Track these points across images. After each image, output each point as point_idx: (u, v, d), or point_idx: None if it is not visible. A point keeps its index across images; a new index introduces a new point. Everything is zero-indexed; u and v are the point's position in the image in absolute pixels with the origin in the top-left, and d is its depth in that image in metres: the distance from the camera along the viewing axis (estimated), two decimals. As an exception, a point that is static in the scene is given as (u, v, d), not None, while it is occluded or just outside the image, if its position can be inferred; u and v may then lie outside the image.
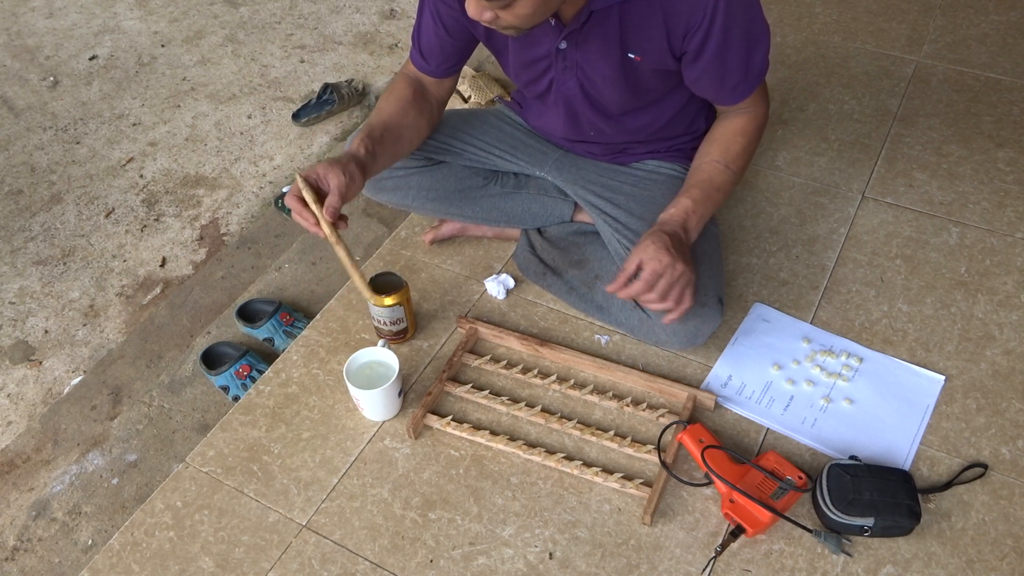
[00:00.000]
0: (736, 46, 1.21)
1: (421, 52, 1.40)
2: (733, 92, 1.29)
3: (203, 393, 1.58)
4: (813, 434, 1.32)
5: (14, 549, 1.40)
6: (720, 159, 1.31)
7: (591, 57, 1.27)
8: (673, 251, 1.21)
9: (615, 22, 1.20)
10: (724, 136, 1.33)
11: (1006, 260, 1.58)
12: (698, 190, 1.29)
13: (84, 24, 2.77)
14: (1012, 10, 2.23)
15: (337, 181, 1.19)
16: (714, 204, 1.31)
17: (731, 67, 1.24)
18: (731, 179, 1.32)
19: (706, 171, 1.31)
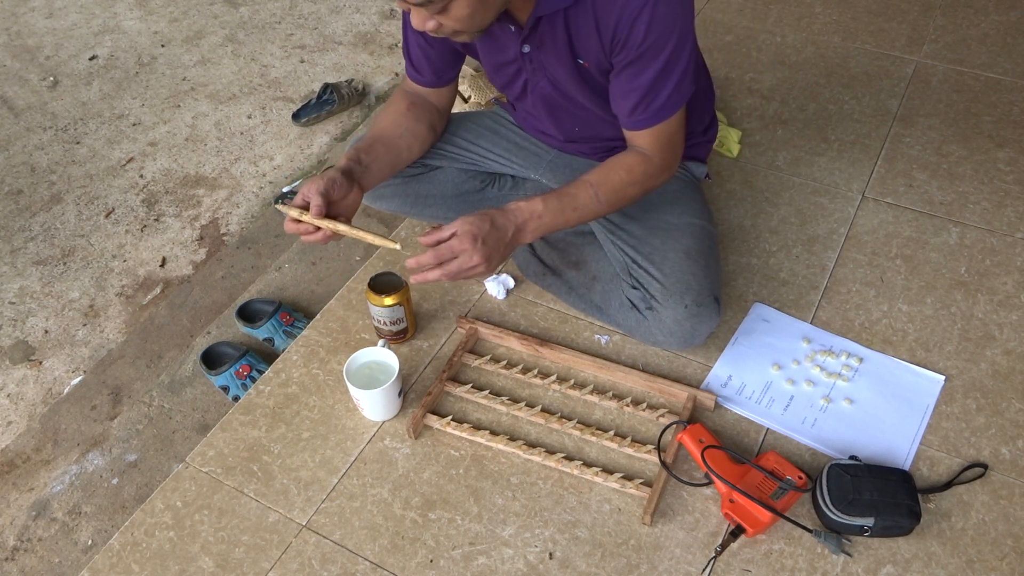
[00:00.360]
0: (648, 68, 1.19)
1: (413, 66, 1.42)
2: (632, 115, 1.25)
3: (203, 393, 1.58)
4: (813, 434, 1.32)
5: (14, 549, 1.40)
6: (595, 184, 1.28)
7: (550, 60, 1.27)
8: (483, 243, 1.20)
9: (562, 28, 1.21)
10: (612, 166, 1.31)
11: (1006, 260, 1.58)
12: (557, 201, 1.27)
13: (84, 24, 2.77)
14: (1012, 10, 2.23)
15: (315, 186, 1.22)
16: (565, 222, 1.28)
17: (637, 86, 1.21)
18: (595, 208, 1.29)
19: (576, 187, 1.28)
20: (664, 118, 1.25)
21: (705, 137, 1.53)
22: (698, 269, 1.34)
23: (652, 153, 1.29)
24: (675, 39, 1.17)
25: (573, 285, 1.49)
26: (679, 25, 1.17)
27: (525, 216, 1.25)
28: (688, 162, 1.52)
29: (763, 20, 2.25)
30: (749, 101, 1.99)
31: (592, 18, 1.17)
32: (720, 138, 1.83)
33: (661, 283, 1.33)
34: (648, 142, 1.29)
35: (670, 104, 1.23)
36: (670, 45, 1.17)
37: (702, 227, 1.42)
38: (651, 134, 1.27)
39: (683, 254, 1.35)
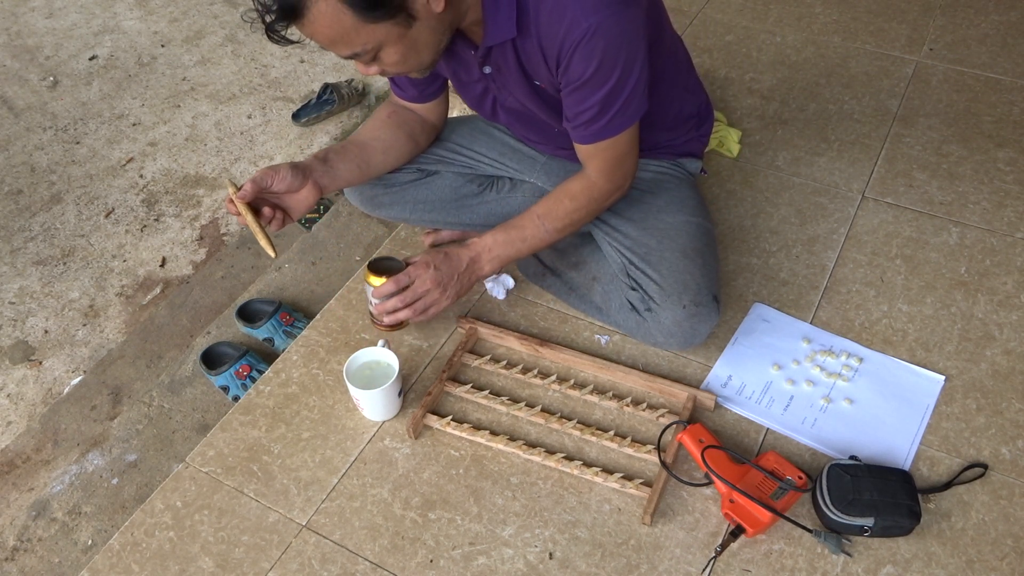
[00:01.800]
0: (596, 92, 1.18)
1: (396, 84, 1.43)
2: (577, 130, 1.26)
3: (203, 393, 1.58)
4: (813, 434, 1.32)
5: (14, 549, 1.40)
6: (542, 215, 1.34)
7: (509, 82, 1.28)
8: (435, 269, 1.32)
9: (512, 56, 1.22)
10: (558, 194, 1.35)
11: (1006, 260, 1.58)
12: (504, 234, 1.35)
13: (84, 24, 2.77)
14: (1012, 10, 2.23)
15: (259, 175, 1.27)
16: (516, 252, 1.36)
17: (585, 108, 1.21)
18: (543, 236, 1.35)
19: (523, 219, 1.35)
20: (609, 135, 1.25)
21: (699, 132, 1.52)
22: (695, 268, 1.34)
23: (597, 178, 1.32)
24: (620, 67, 1.16)
25: (573, 286, 1.49)
26: (623, 53, 1.16)
27: (478, 249, 1.35)
28: (682, 158, 1.52)
29: (763, 20, 2.25)
30: (749, 101, 1.99)
31: (538, 47, 1.18)
32: (720, 138, 1.83)
33: (658, 284, 1.33)
34: (597, 165, 1.31)
35: (615, 124, 1.24)
36: (615, 73, 1.17)
37: (698, 225, 1.42)
38: (598, 153, 1.28)
39: (680, 254, 1.35)
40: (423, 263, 1.32)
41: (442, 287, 1.33)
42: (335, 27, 1.04)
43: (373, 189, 1.53)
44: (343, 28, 1.04)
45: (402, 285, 1.32)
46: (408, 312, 1.34)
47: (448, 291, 1.34)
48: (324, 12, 1.02)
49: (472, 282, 1.38)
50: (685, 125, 1.48)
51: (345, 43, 1.07)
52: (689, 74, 1.47)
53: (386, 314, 1.35)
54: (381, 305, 1.34)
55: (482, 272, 1.37)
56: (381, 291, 1.33)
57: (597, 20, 1.10)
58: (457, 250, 1.35)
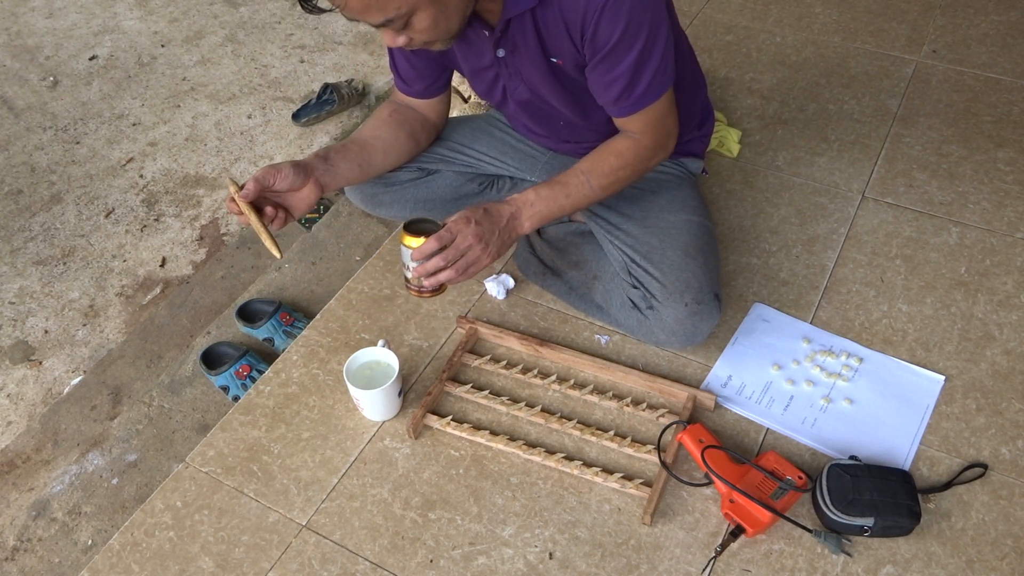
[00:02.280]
0: (626, 56, 1.18)
1: (402, 79, 1.42)
2: (617, 103, 1.25)
3: (203, 393, 1.58)
4: (813, 434, 1.32)
5: (14, 549, 1.40)
6: (586, 170, 1.31)
7: (524, 62, 1.27)
8: (476, 224, 1.25)
9: (531, 29, 1.20)
10: (602, 152, 1.32)
11: (1006, 260, 1.58)
12: (548, 189, 1.30)
13: (84, 24, 2.77)
14: (1012, 10, 2.23)
15: (260, 173, 1.25)
16: (559, 208, 1.31)
17: (617, 76, 1.21)
18: (587, 193, 1.31)
19: (567, 176, 1.31)
20: (649, 103, 1.25)
21: (700, 132, 1.52)
22: (697, 267, 1.34)
23: (642, 135, 1.30)
24: (647, 28, 1.16)
25: (573, 285, 1.49)
26: (649, 13, 1.15)
27: (519, 204, 1.29)
28: (684, 158, 1.52)
29: (763, 20, 2.25)
30: (749, 101, 1.99)
31: (559, 16, 1.17)
32: (720, 138, 1.83)
33: (660, 282, 1.33)
34: (638, 126, 1.29)
35: (652, 90, 1.23)
36: (642, 35, 1.16)
37: (700, 224, 1.42)
38: (639, 119, 1.27)
39: (682, 252, 1.35)
40: (463, 218, 1.25)
41: (484, 242, 1.26)
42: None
43: (373, 187, 1.53)
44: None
45: (444, 242, 1.25)
46: (450, 272, 1.26)
47: (490, 247, 1.27)
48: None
49: (513, 239, 1.31)
50: (688, 123, 1.48)
51: (379, 8, 1.05)
52: (695, 70, 1.47)
53: (427, 276, 1.27)
54: (422, 267, 1.27)
55: (522, 229, 1.30)
56: (423, 250, 1.25)
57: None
58: (496, 205, 1.29)
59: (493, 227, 1.27)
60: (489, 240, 1.26)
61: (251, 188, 1.24)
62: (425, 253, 1.26)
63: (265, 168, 1.27)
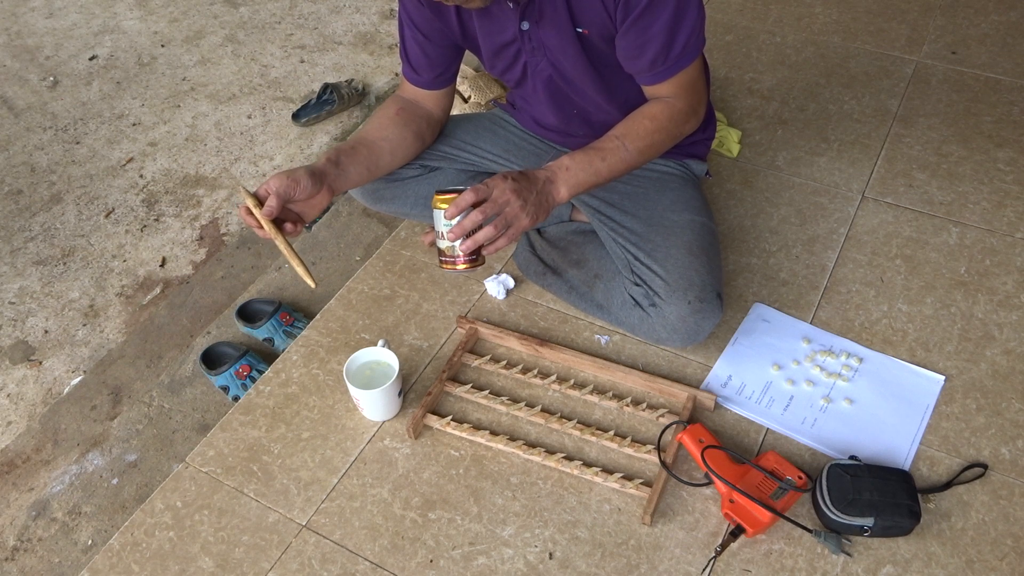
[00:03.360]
0: (660, 15, 1.17)
1: (411, 66, 1.41)
2: (652, 68, 1.24)
3: (203, 393, 1.58)
4: (813, 434, 1.32)
5: (14, 549, 1.40)
6: (620, 134, 1.27)
7: (550, 34, 1.26)
8: (514, 180, 1.20)
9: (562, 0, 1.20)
10: (634, 116, 1.30)
11: (1006, 260, 1.58)
12: (583, 154, 1.26)
13: (84, 24, 2.77)
14: (1012, 10, 2.23)
15: (277, 184, 1.22)
16: (596, 174, 1.26)
17: (652, 36, 1.19)
18: (624, 156, 1.27)
19: (602, 141, 1.28)
20: (684, 65, 1.24)
21: (704, 135, 1.53)
22: (700, 265, 1.34)
23: (675, 98, 1.29)
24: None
25: (574, 284, 1.49)
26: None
27: (554, 169, 1.25)
28: (688, 160, 1.52)
29: (763, 20, 2.25)
30: (749, 101, 1.99)
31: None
32: (720, 138, 1.83)
33: (664, 279, 1.33)
34: (672, 90, 1.28)
35: (688, 51, 1.22)
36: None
37: (703, 224, 1.42)
38: (674, 83, 1.27)
39: (685, 250, 1.35)
40: (499, 176, 1.20)
41: (522, 199, 1.19)
42: None
43: (375, 183, 1.52)
44: None
45: (481, 196, 1.18)
46: (489, 231, 1.18)
47: (528, 206, 1.20)
48: None
49: (550, 205, 1.24)
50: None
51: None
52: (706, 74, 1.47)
53: (465, 237, 1.19)
54: (459, 225, 1.18)
55: (559, 194, 1.24)
56: (459, 203, 1.17)
57: None
58: (531, 170, 1.24)
59: (531, 186, 1.21)
60: (527, 198, 1.20)
61: (274, 205, 1.20)
62: (461, 207, 1.18)
63: (281, 179, 1.22)
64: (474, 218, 1.18)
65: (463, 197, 1.18)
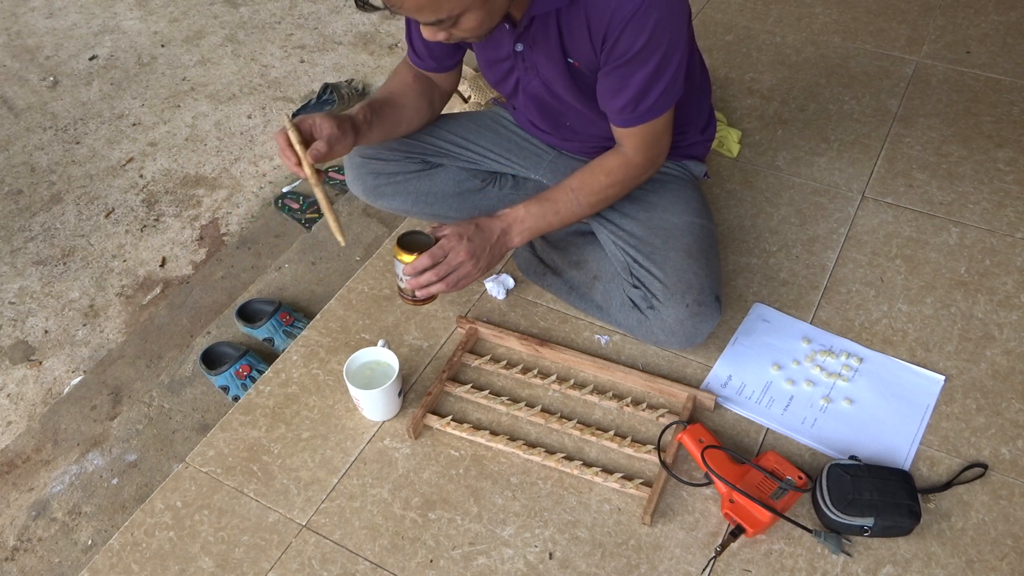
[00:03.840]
0: (640, 69, 1.20)
1: (416, 53, 1.43)
2: (620, 113, 1.27)
3: (203, 393, 1.58)
4: (813, 434, 1.32)
5: (14, 549, 1.40)
6: (576, 188, 1.35)
7: (541, 60, 1.29)
8: (468, 240, 1.31)
9: (554, 28, 1.22)
10: (592, 168, 1.36)
11: (1006, 260, 1.58)
12: (538, 206, 1.35)
13: (84, 24, 2.77)
14: (1012, 10, 2.23)
15: (329, 130, 1.24)
16: (548, 224, 1.37)
17: (627, 86, 1.22)
18: (576, 210, 1.36)
19: (557, 192, 1.36)
20: (652, 118, 1.27)
21: (703, 136, 1.53)
22: (699, 268, 1.34)
23: (635, 154, 1.33)
24: (666, 44, 1.18)
25: (574, 285, 1.49)
26: (670, 31, 1.18)
27: (509, 220, 1.35)
28: (687, 161, 1.52)
29: (763, 20, 2.25)
30: (749, 101, 1.99)
31: (584, 20, 1.18)
32: (720, 138, 1.83)
33: (662, 282, 1.33)
34: (634, 142, 1.32)
35: (658, 106, 1.25)
36: (660, 50, 1.18)
37: (702, 226, 1.42)
38: (637, 133, 1.30)
39: (684, 253, 1.35)
40: (455, 235, 1.32)
41: (475, 258, 1.33)
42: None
43: (376, 180, 1.52)
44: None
45: (436, 259, 1.32)
46: (441, 285, 1.34)
47: (480, 262, 1.34)
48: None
49: (503, 253, 1.38)
50: (693, 127, 1.48)
51: (433, 9, 1.08)
52: (703, 75, 1.48)
53: (420, 288, 1.34)
54: (415, 280, 1.34)
55: (512, 243, 1.37)
56: (416, 266, 1.32)
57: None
58: (488, 221, 1.35)
59: (484, 243, 1.33)
60: (480, 256, 1.33)
61: (323, 150, 1.23)
62: (418, 269, 1.32)
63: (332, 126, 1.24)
64: (429, 277, 1.33)
65: (420, 261, 1.31)
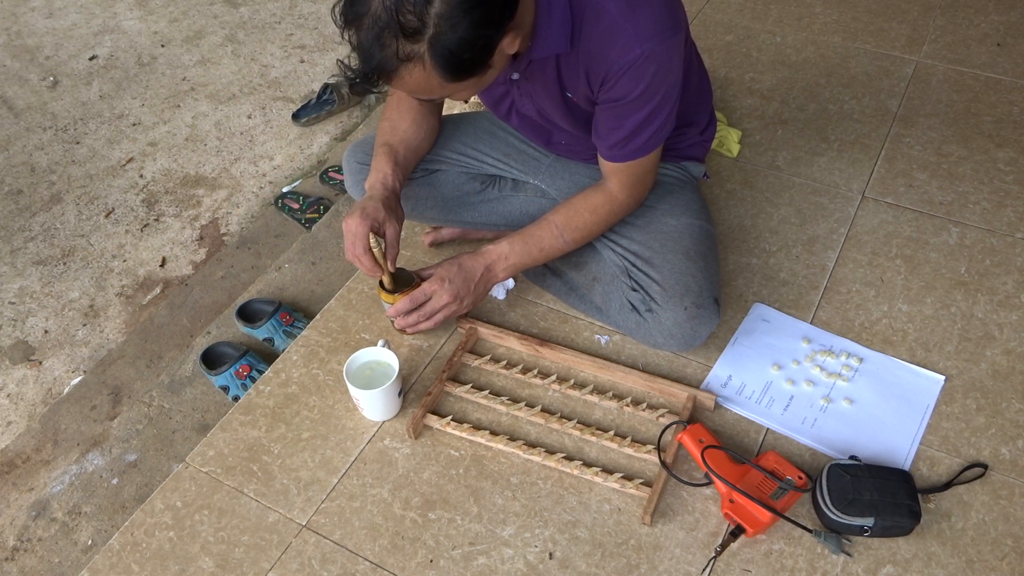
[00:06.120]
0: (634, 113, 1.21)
1: None
2: (612, 149, 1.29)
3: (203, 393, 1.58)
4: (813, 434, 1.32)
5: (14, 549, 1.40)
6: (560, 225, 1.36)
7: (538, 90, 1.30)
8: (450, 283, 1.34)
9: (552, 69, 1.23)
10: (576, 205, 1.36)
11: (1006, 260, 1.58)
12: (522, 243, 1.37)
13: (84, 24, 2.77)
14: (1012, 10, 2.23)
15: (394, 232, 1.31)
16: (532, 260, 1.38)
17: (620, 126, 1.24)
18: (560, 246, 1.37)
19: (541, 228, 1.37)
20: (639, 157, 1.29)
21: (703, 137, 1.52)
22: (697, 271, 1.34)
23: (619, 191, 1.35)
24: (661, 94, 1.20)
25: (573, 286, 1.49)
26: (668, 78, 1.20)
27: (493, 257, 1.37)
28: (686, 162, 1.52)
29: (763, 20, 2.25)
30: (749, 101, 1.99)
31: (582, 65, 1.19)
32: (720, 138, 1.83)
33: (660, 285, 1.33)
34: (620, 179, 1.33)
35: (648, 146, 1.27)
36: (655, 99, 1.20)
37: (701, 227, 1.42)
38: (624, 170, 1.31)
39: (682, 255, 1.35)
40: (438, 279, 1.34)
41: (459, 299, 1.35)
42: (421, 85, 1.07)
43: None
44: (429, 87, 1.07)
45: (418, 303, 1.35)
46: (428, 323, 1.37)
47: (464, 301, 1.36)
48: (414, 76, 1.04)
49: (487, 289, 1.40)
50: (693, 128, 1.48)
51: (428, 94, 1.11)
52: (702, 78, 1.48)
53: (408, 327, 1.38)
54: (402, 320, 1.37)
55: (496, 279, 1.39)
56: (398, 308, 1.35)
57: (651, 47, 1.13)
58: (471, 260, 1.36)
59: (467, 283, 1.35)
60: (464, 296, 1.35)
61: (396, 253, 1.32)
62: (400, 311, 1.35)
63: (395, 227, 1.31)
64: (415, 318, 1.36)
65: (402, 304, 1.34)
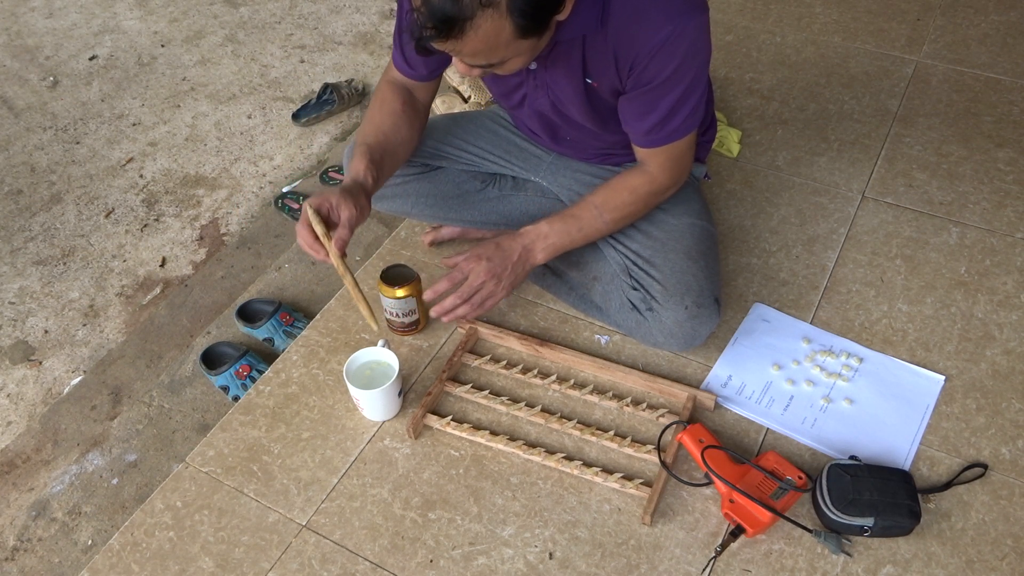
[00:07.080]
0: (669, 93, 1.20)
1: (407, 62, 1.38)
2: (647, 135, 1.27)
3: (203, 393, 1.58)
4: (813, 434, 1.32)
5: (14, 549, 1.40)
6: (599, 205, 1.32)
7: (557, 78, 1.28)
8: (488, 261, 1.28)
9: (577, 52, 1.22)
10: (616, 185, 1.34)
11: (1006, 260, 1.58)
12: (562, 223, 1.32)
13: (84, 24, 2.77)
14: (1012, 10, 2.23)
15: (348, 214, 1.21)
16: (571, 241, 1.34)
17: (655, 108, 1.22)
18: (600, 227, 1.34)
19: (581, 209, 1.33)
20: (678, 139, 1.27)
21: (704, 138, 1.53)
22: (698, 270, 1.34)
23: (659, 173, 1.32)
24: (693, 71, 1.19)
25: (573, 285, 1.49)
26: (699, 57, 1.18)
27: (532, 237, 1.32)
28: (687, 162, 1.52)
29: (763, 20, 2.25)
30: (749, 101, 1.99)
31: (610, 48, 1.18)
32: (720, 138, 1.83)
33: (661, 284, 1.33)
34: (659, 161, 1.31)
35: (685, 127, 1.25)
36: (688, 76, 1.19)
37: (702, 227, 1.42)
38: (663, 152, 1.29)
39: (683, 255, 1.35)
40: (474, 256, 1.29)
41: (497, 278, 1.29)
42: (490, 41, 1.03)
43: None
44: (498, 43, 1.03)
45: (456, 282, 1.29)
46: (466, 307, 1.30)
47: (503, 281, 1.30)
48: (488, 26, 1.00)
49: (526, 271, 1.34)
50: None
51: (488, 55, 1.06)
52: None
53: (444, 314, 1.31)
54: (439, 306, 1.30)
55: (535, 260, 1.33)
56: (436, 289, 1.29)
57: (681, 24, 1.12)
58: (508, 240, 1.32)
59: (505, 262, 1.30)
60: (502, 275, 1.30)
61: (346, 238, 1.20)
62: (438, 293, 1.29)
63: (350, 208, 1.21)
64: (452, 301, 1.29)
65: (439, 285, 1.29)
